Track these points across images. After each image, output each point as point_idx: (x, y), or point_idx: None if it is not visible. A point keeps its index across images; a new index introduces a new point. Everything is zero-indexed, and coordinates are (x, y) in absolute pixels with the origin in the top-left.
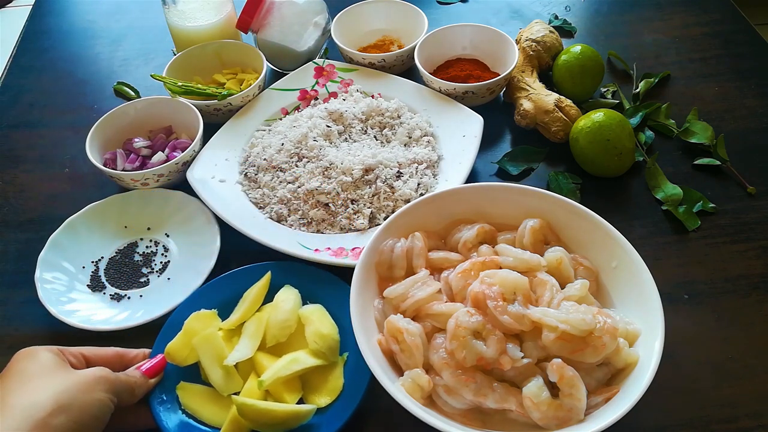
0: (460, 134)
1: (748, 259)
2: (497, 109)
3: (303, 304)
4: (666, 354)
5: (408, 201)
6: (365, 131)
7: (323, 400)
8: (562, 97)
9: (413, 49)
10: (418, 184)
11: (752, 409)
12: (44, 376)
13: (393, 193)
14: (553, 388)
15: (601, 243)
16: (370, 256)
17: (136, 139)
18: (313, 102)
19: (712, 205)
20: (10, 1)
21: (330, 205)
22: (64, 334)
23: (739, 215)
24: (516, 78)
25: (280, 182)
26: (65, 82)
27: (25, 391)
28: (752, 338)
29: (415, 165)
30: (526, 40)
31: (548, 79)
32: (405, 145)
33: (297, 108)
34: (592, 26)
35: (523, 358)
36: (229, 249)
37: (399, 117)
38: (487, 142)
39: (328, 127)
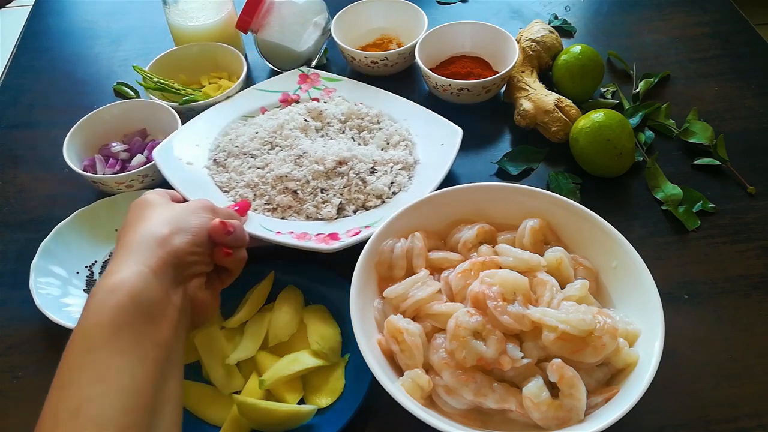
0: (438, 143)
1: (748, 259)
2: (497, 109)
3: (306, 305)
4: (666, 354)
5: (380, 197)
6: (343, 131)
7: (324, 400)
8: (561, 97)
9: (414, 47)
10: (392, 182)
11: (752, 408)
12: (156, 210)
13: (365, 186)
14: (553, 389)
15: (601, 243)
16: (370, 257)
17: (114, 144)
18: (304, 104)
19: (712, 205)
20: (10, 1)
21: (298, 192)
22: (65, 335)
23: (739, 215)
24: (516, 78)
25: (249, 167)
26: (65, 82)
27: (142, 225)
28: (752, 338)
29: (391, 164)
30: (526, 40)
31: (548, 79)
32: (382, 149)
33: (280, 109)
34: (592, 26)
35: (523, 358)
36: None
37: (379, 123)
38: (487, 142)
39: (306, 121)
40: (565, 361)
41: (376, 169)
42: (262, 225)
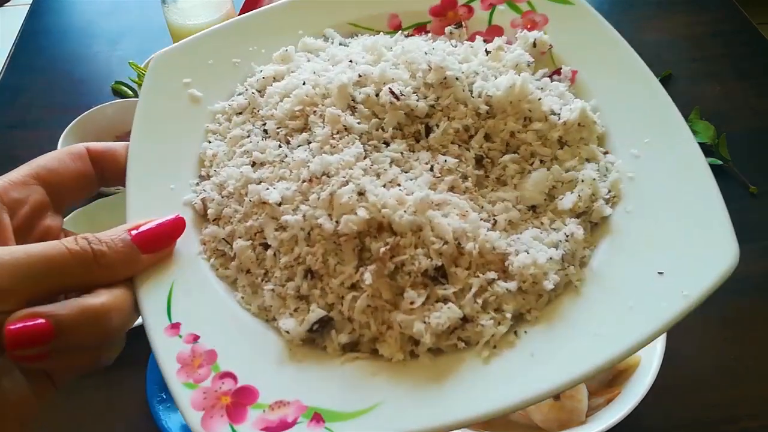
0: (654, 266)
1: (750, 259)
2: None
3: None
4: (667, 355)
5: (415, 344)
6: (467, 139)
7: None
8: None
9: None
10: (463, 322)
11: (754, 409)
12: None
13: (395, 306)
14: None
15: None
16: None
17: None
18: (449, 29)
19: None
20: (8, 0)
21: (271, 252)
22: None
23: (741, 215)
24: None
25: (244, 152)
26: (63, 81)
27: None
28: (754, 339)
29: (492, 277)
30: None
31: None
32: (530, 209)
33: (421, 29)
34: None
35: None
36: None
37: (564, 146)
38: None
39: (395, 97)
40: None
41: (445, 276)
42: (173, 289)
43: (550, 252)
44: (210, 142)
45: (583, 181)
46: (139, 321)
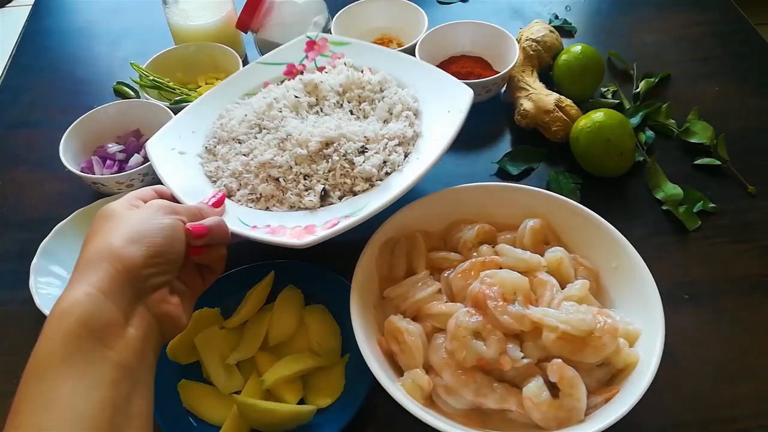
0: (445, 110)
1: (748, 259)
2: (497, 108)
3: (305, 305)
4: (666, 354)
5: (369, 179)
6: (341, 105)
7: (324, 400)
8: (562, 96)
9: (415, 46)
10: (384, 162)
11: (753, 409)
12: (113, 222)
13: (352, 169)
14: (553, 389)
15: (602, 243)
16: (371, 256)
17: (110, 144)
18: (299, 77)
19: (713, 205)
20: (10, 1)
21: (280, 179)
22: None
23: (739, 215)
24: (516, 78)
25: (236, 154)
26: (65, 82)
27: (96, 240)
28: (753, 338)
29: (385, 141)
30: (527, 39)
31: (548, 79)
32: (384, 122)
33: (282, 83)
34: (593, 26)
35: (523, 358)
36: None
37: (382, 91)
38: (488, 142)
39: (297, 98)
40: (565, 361)
41: (366, 148)
42: (240, 218)
43: (381, 158)
44: (206, 167)
45: (400, 100)
46: None
